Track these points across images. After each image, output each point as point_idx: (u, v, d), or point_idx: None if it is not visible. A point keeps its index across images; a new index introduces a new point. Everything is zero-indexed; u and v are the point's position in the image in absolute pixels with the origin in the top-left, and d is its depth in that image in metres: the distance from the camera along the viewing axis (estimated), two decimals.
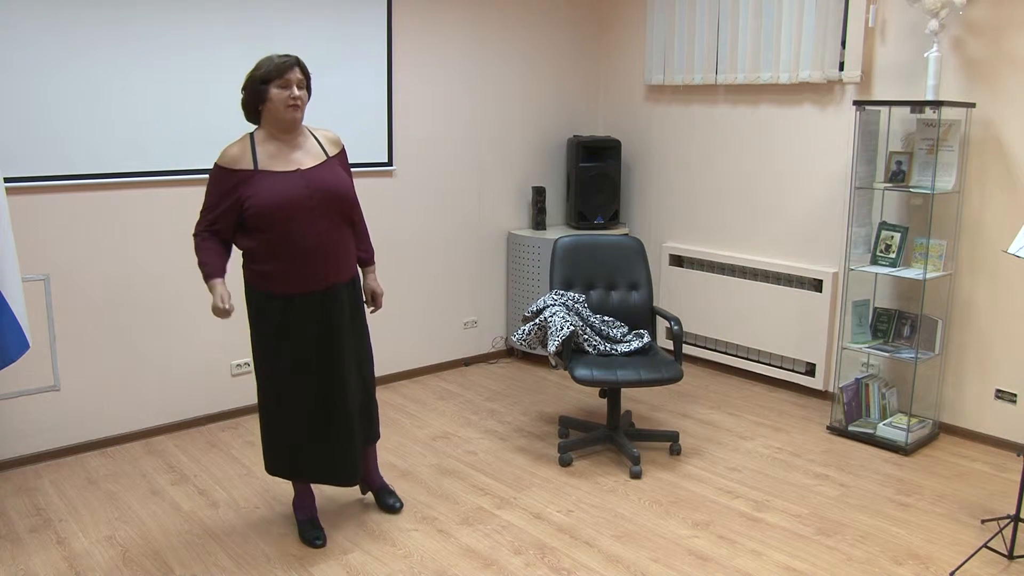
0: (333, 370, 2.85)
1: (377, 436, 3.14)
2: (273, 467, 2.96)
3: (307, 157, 2.78)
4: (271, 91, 2.67)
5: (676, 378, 3.52)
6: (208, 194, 2.74)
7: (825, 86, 4.29)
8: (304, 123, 2.87)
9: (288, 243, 2.70)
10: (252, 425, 4.09)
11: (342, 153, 2.91)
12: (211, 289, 2.71)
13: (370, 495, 3.34)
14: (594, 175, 5.04)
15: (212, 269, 2.71)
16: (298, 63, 2.71)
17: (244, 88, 2.73)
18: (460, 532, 3.08)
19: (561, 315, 3.66)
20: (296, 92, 2.69)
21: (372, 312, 3.14)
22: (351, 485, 2.98)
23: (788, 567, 2.85)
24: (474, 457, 3.74)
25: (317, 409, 2.87)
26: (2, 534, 3.06)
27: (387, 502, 3.21)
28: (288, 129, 2.76)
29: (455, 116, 4.77)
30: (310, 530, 3.02)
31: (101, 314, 3.72)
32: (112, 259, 3.72)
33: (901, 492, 3.42)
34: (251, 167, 2.69)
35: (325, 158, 2.83)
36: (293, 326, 2.78)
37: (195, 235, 2.77)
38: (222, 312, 2.67)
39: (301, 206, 2.70)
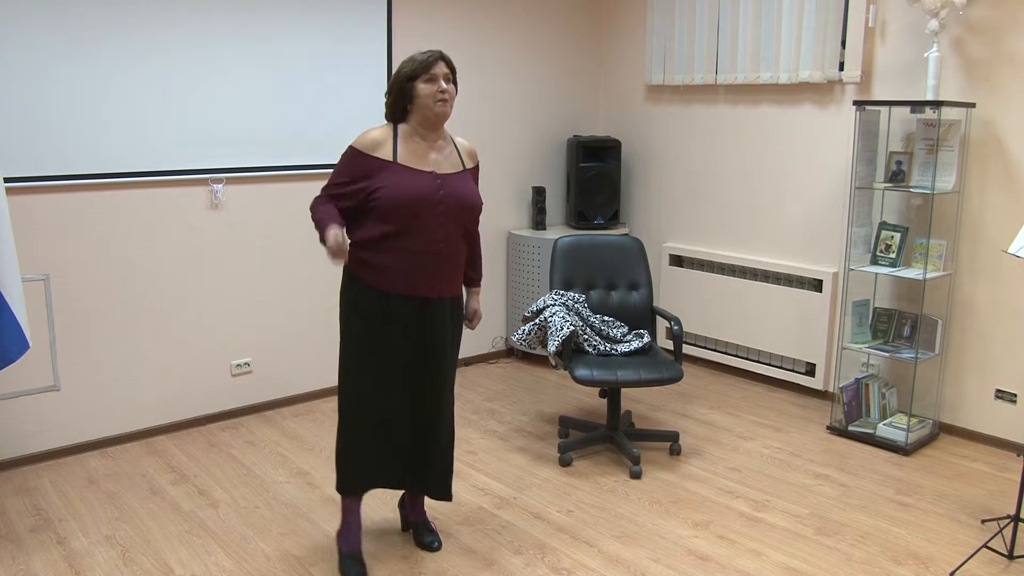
0: (426, 380, 2.74)
1: (450, 496, 2.93)
2: (348, 480, 2.77)
3: (445, 163, 2.70)
4: (418, 87, 2.59)
5: (676, 378, 3.52)
6: (338, 171, 2.65)
7: (825, 86, 4.29)
8: (447, 129, 2.78)
9: (408, 240, 2.61)
10: (252, 425, 4.09)
11: (476, 168, 2.83)
12: (324, 234, 2.51)
13: (400, 531, 3.12)
14: (594, 175, 5.04)
15: (328, 220, 2.55)
16: (443, 57, 2.63)
17: (390, 91, 2.66)
18: (460, 532, 3.08)
19: (561, 315, 3.66)
20: (444, 85, 2.60)
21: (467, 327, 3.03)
22: (443, 498, 2.88)
23: (788, 567, 2.85)
24: (474, 457, 3.73)
25: (404, 417, 2.75)
26: (2, 534, 3.06)
27: (425, 540, 2.97)
28: (435, 126, 2.67)
29: (455, 116, 4.76)
30: (352, 565, 2.80)
31: (101, 314, 3.72)
32: (112, 259, 3.72)
33: (901, 492, 3.42)
34: (390, 157, 2.61)
35: (462, 168, 2.74)
36: (391, 325, 2.67)
37: (315, 200, 2.66)
38: (338, 248, 2.46)
39: (430, 208, 2.61)
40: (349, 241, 2.58)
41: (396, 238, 2.60)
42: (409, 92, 2.61)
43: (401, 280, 2.64)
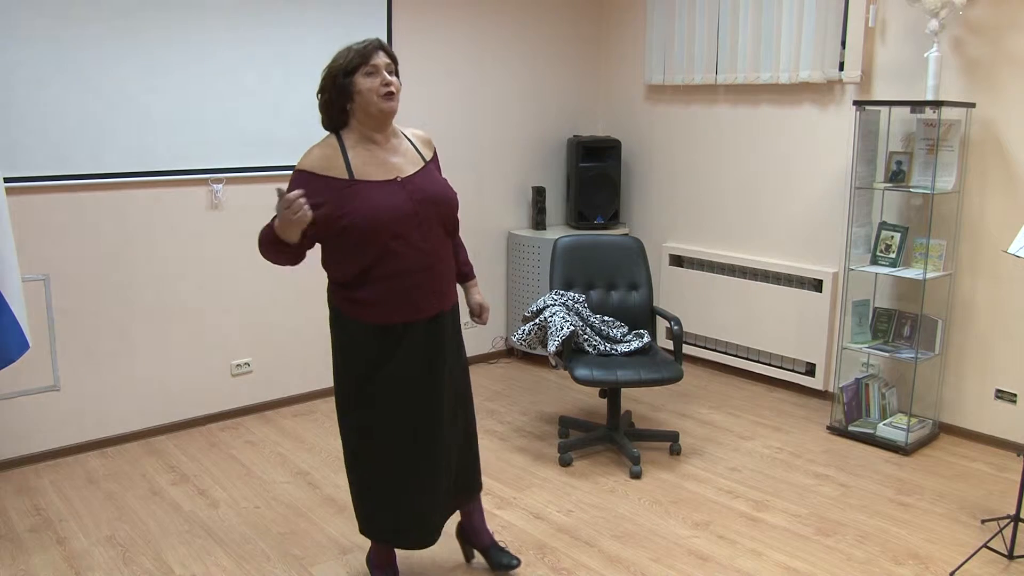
0: (432, 413, 2.47)
1: (479, 486, 2.72)
2: (368, 525, 2.57)
3: (405, 163, 2.42)
4: (358, 81, 2.30)
5: (676, 378, 3.52)
6: None
7: (825, 86, 4.29)
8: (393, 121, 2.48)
9: (392, 265, 2.34)
10: (252, 425, 4.09)
11: (435, 156, 2.56)
12: (274, 224, 2.29)
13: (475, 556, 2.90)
14: (594, 175, 5.04)
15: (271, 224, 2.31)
16: (382, 45, 2.34)
17: (323, 88, 2.38)
18: None
19: (561, 315, 3.66)
20: (388, 77, 2.32)
21: (475, 325, 2.72)
22: (425, 547, 2.57)
23: (788, 567, 2.85)
24: None
25: (409, 458, 2.48)
26: (2, 534, 3.06)
27: (502, 561, 2.74)
28: (383, 126, 2.39)
29: (455, 116, 4.77)
30: None
31: (101, 314, 3.72)
32: (112, 259, 3.72)
33: (901, 492, 3.42)
34: (345, 176, 2.32)
35: (423, 163, 2.47)
36: (391, 361, 2.41)
37: (260, 233, 2.41)
38: (289, 202, 2.17)
39: (407, 221, 2.34)
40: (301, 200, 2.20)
41: (381, 265, 2.34)
42: (348, 88, 2.32)
43: (399, 308, 2.38)
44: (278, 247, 2.36)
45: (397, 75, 2.39)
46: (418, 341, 2.44)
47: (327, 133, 2.47)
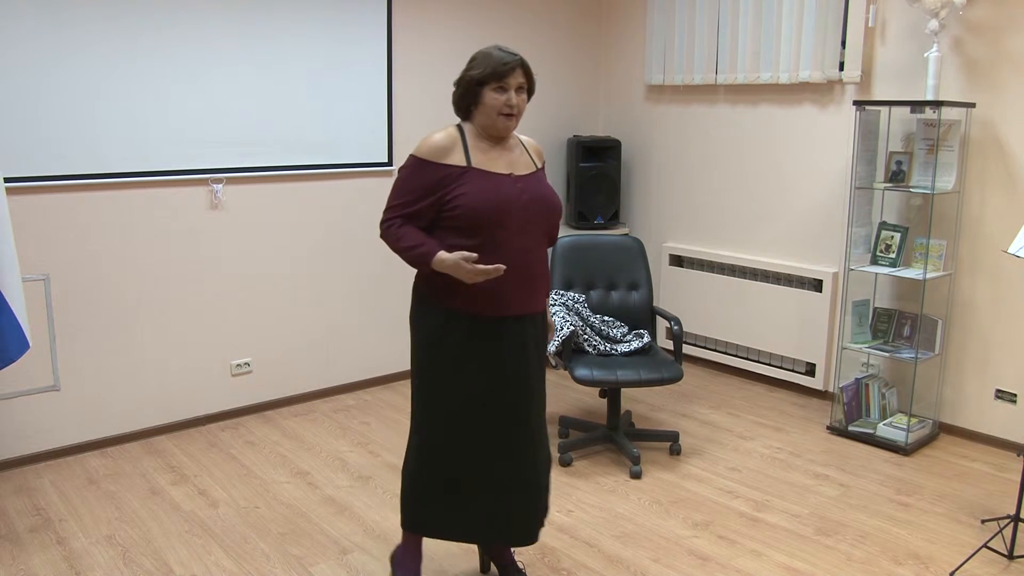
0: (514, 411, 2.46)
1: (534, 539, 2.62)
2: (415, 520, 2.56)
3: (519, 163, 2.48)
4: (486, 94, 2.38)
5: (676, 378, 3.52)
6: (402, 187, 2.39)
7: (825, 86, 4.29)
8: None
9: (495, 254, 2.34)
10: (252, 425, 4.09)
11: (544, 167, 2.60)
12: (442, 264, 2.31)
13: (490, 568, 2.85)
14: (594, 175, 5.04)
15: (429, 246, 2.33)
16: (522, 64, 2.40)
17: (458, 84, 2.45)
18: None
19: (561, 315, 3.66)
20: (513, 100, 2.38)
21: None
22: (528, 544, 2.55)
23: (788, 567, 2.85)
24: None
25: (491, 454, 2.46)
26: (2, 534, 3.06)
27: None
28: (498, 137, 2.46)
29: (455, 116, 4.76)
30: None
31: (101, 314, 3.72)
32: (112, 259, 3.72)
33: (901, 492, 3.42)
34: (463, 163, 2.37)
35: (535, 168, 2.52)
36: (477, 353, 2.41)
37: (386, 226, 2.41)
38: (482, 271, 2.28)
39: (515, 215, 2.37)
40: (469, 255, 2.31)
41: (483, 253, 2.33)
42: (476, 95, 2.40)
43: (492, 301, 2.38)
44: (416, 265, 2.42)
45: (531, 92, 2.47)
46: (504, 336, 2.42)
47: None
